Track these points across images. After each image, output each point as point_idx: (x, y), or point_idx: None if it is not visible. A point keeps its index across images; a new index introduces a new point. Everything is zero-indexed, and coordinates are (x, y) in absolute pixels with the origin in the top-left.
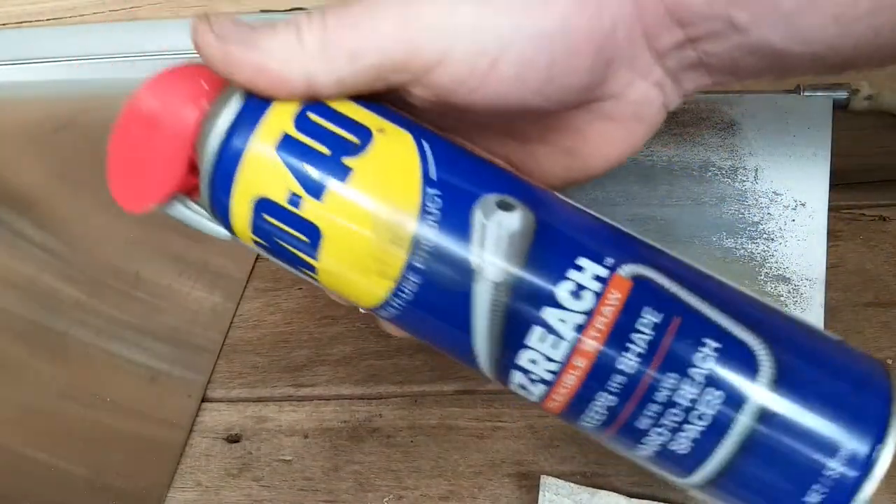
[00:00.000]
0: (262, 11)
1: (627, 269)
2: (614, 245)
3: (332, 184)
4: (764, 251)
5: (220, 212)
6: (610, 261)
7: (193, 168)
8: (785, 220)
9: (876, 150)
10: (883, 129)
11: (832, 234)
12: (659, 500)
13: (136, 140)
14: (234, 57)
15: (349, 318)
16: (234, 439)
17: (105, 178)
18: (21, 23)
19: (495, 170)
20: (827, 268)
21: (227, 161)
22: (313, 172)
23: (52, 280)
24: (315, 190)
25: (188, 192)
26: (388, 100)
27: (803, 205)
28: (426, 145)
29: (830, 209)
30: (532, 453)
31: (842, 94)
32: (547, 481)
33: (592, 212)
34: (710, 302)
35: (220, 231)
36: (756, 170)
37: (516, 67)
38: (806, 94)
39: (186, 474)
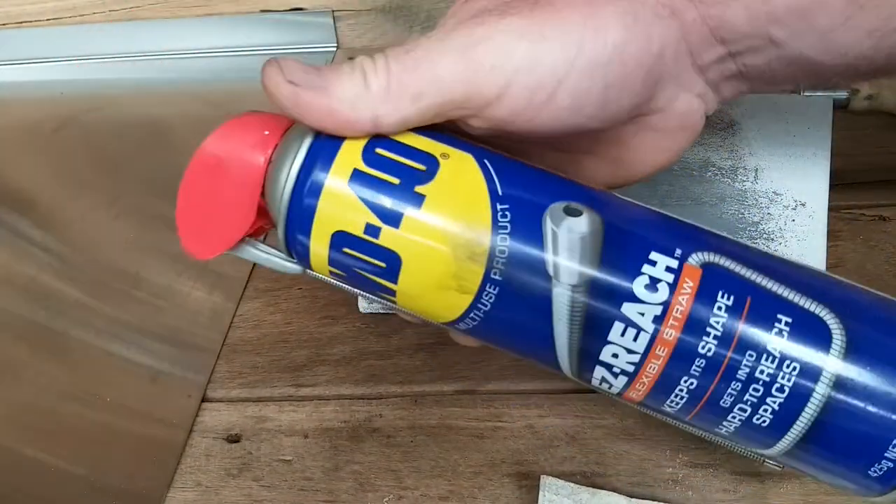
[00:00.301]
0: (262, 11)
1: (696, 258)
2: (679, 236)
3: (407, 211)
4: None
5: (298, 249)
6: (678, 251)
7: (261, 211)
8: (785, 220)
9: (876, 149)
10: (883, 128)
11: (832, 235)
12: (659, 501)
13: (204, 189)
14: (305, 101)
15: (349, 318)
16: (234, 439)
17: (105, 178)
18: (21, 23)
19: (556, 178)
20: (827, 268)
21: (303, 201)
22: (388, 203)
23: (52, 280)
24: (392, 219)
25: (255, 233)
26: (444, 126)
27: (803, 205)
28: (488, 164)
29: (830, 209)
30: (532, 453)
31: (842, 94)
32: (547, 481)
33: (650, 206)
34: (777, 279)
35: (292, 267)
36: (756, 170)
37: (572, 97)
38: (806, 94)
39: (186, 474)
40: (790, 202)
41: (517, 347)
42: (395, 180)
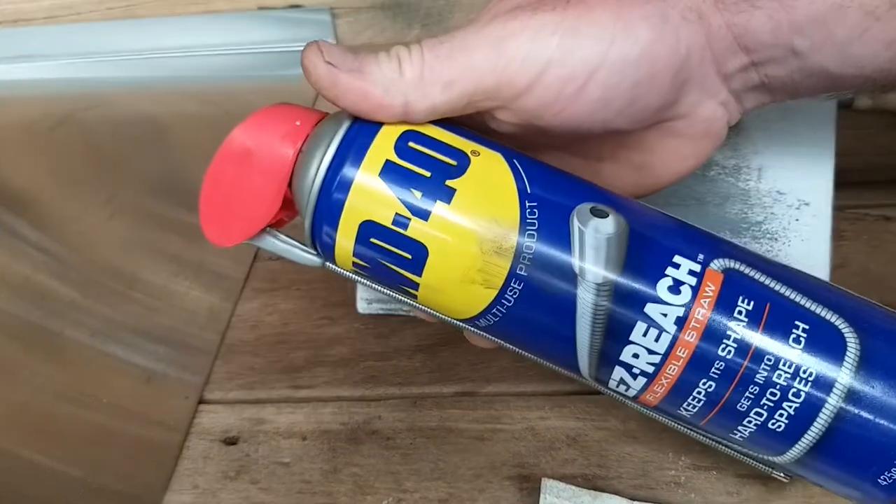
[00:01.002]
0: (260, 8)
1: (718, 264)
2: (700, 242)
3: (437, 204)
4: (767, 251)
5: (324, 240)
6: (701, 256)
7: (284, 202)
8: (789, 219)
9: (880, 149)
10: (886, 128)
11: (836, 234)
12: (661, 503)
13: (230, 177)
14: (342, 82)
15: (348, 320)
16: (231, 441)
17: (101, 177)
18: (17, 21)
19: (581, 181)
20: (831, 268)
21: (334, 191)
22: (418, 195)
23: (48, 280)
24: (421, 211)
25: (276, 224)
26: (470, 125)
27: (807, 204)
28: (517, 163)
29: (834, 209)
30: (533, 456)
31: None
32: (548, 484)
33: (671, 215)
34: (793, 288)
35: (312, 259)
36: (760, 169)
37: (602, 91)
38: None
39: (183, 476)
40: (794, 201)
41: (535, 346)
42: (427, 173)
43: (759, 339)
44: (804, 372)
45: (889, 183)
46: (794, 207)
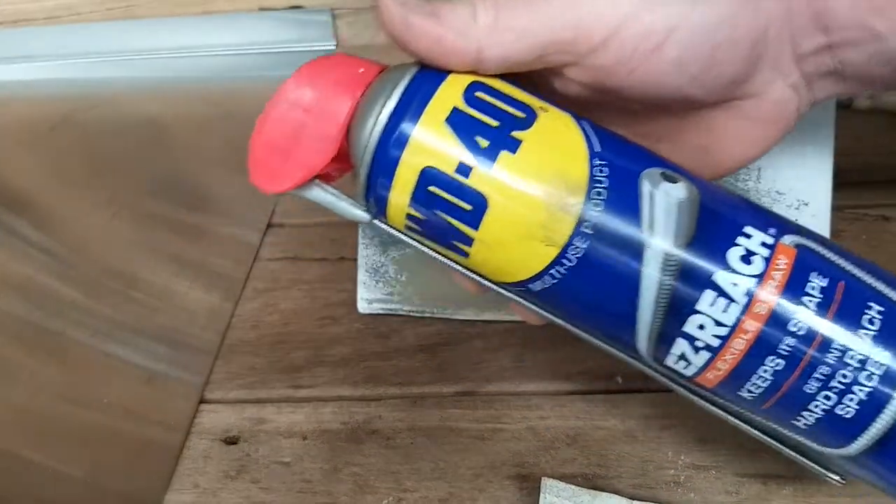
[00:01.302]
0: (261, 9)
1: (790, 239)
2: (771, 217)
3: (503, 154)
4: None
5: (378, 192)
6: (773, 230)
7: (338, 155)
8: None
9: (879, 149)
10: (885, 128)
11: (835, 234)
12: (661, 503)
13: (284, 122)
14: (415, 26)
15: (348, 319)
16: (232, 441)
17: (102, 178)
18: (18, 21)
19: (647, 149)
20: None
21: (395, 137)
22: (484, 143)
23: (49, 280)
24: (486, 159)
25: (324, 178)
26: (535, 85)
27: (806, 204)
28: (585, 124)
29: (833, 209)
30: (533, 455)
31: None
32: (548, 483)
33: (739, 193)
34: (866, 270)
35: (359, 214)
36: (759, 169)
37: (679, 51)
38: None
39: (184, 476)
40: (793, 202)
41: (591, 314)
42: (494, 122)
43: (832, 318)
44: (878, 354)
45: (888, 183)
46: (793, 208)
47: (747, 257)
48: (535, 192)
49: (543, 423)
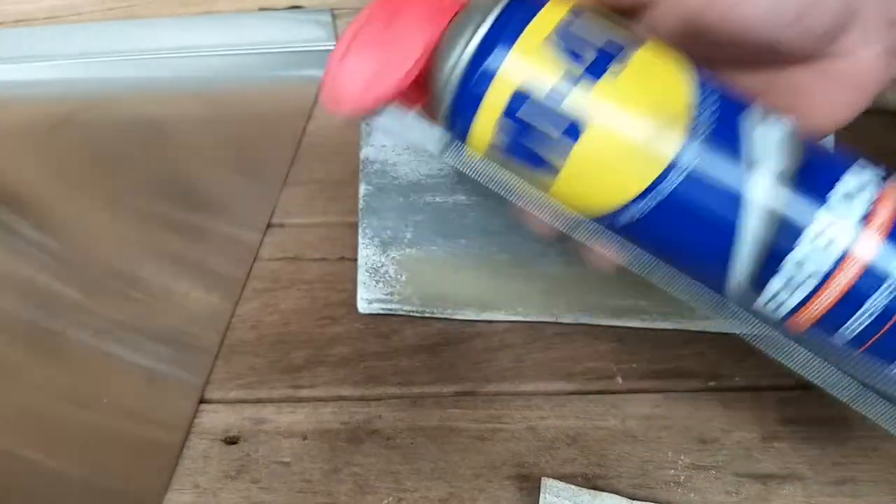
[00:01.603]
0: (261, 9)
1: (894, 181)
2: (872, 163)
3: (606, 75)
4: None
5: (464, 112)
6: (879, 171)
7: (416, 84)
8: None
9: (880, 149)
10: (886, 128)
11: None
12: (661, 503)
13: (370, 39)
14: None
15: (349, 319)
16: (232, 441)
17: (102, 178)
18: (18, 21)
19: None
20: None
21: (489, 58)
22: (585, 64)
23: (49, 280)
24: (587, 80)
25: (403, 102)
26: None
27: None
28: (686, 58)
29: None
30: (533, 455)
31: None
32: (548, 483)
33: None
34: None
35: (433, 141)
36: None
37: None
38: None
39: (184, 476)
40: None
41: (683, 248)
42: (598, 43)
43: None
44: None
45: None
46: None
47: (855, 192)
48: (639, 113)
49: (543, 423)
